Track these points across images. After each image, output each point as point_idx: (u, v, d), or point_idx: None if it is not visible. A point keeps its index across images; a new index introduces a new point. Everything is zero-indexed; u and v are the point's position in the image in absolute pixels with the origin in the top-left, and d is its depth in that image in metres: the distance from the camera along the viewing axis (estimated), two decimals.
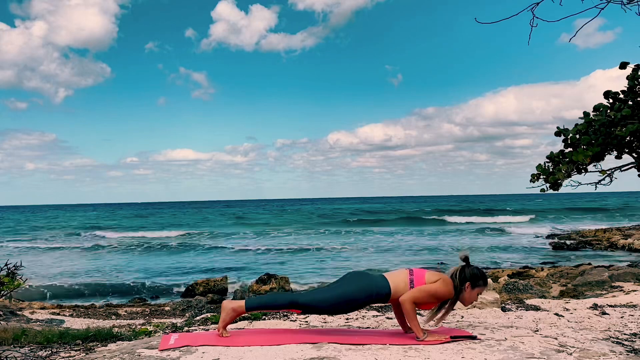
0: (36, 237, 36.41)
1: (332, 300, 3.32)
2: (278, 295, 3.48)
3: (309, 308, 3.34)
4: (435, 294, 3.32)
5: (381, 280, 3.39)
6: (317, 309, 3.35)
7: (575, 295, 8.33)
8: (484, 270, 5.84)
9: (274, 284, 12.89)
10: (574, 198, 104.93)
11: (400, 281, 3.38)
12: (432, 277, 3.38)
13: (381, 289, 3.35)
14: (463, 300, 3.40)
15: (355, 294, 3.32)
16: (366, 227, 37.82)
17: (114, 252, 25.80)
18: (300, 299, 3.34)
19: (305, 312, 3.40)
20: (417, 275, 3.40)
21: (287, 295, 3.45)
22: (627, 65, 4.02)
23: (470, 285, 3.37)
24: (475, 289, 3.39)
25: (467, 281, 3.37)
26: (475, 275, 3.39)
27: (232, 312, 3.34)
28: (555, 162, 4.15)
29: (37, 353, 3.52)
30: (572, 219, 42.02)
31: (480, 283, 3.40)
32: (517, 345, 3.18)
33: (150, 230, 40.64)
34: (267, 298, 3.45)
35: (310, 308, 3.34)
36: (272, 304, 3.40)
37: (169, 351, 3.04)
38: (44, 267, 19.38)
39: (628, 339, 3.66)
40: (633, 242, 20.87)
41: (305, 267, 18.27)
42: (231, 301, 3.42)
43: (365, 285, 3.35)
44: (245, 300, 3.37)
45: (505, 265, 17.15)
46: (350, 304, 3.34)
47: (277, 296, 3.45)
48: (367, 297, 3.34)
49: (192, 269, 18.55)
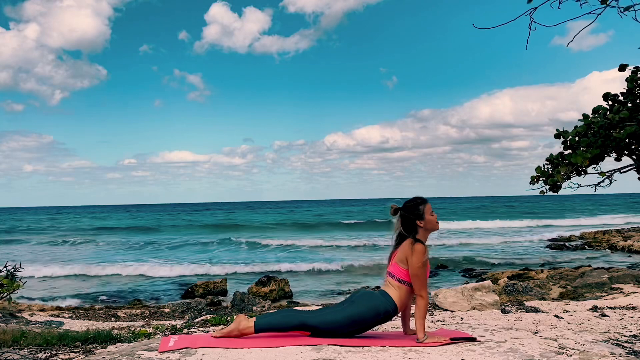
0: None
1: (342, 322, 3.27)
2: (288, 316, 3.37)
3: (319, 330, 3.29)
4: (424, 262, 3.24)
5: (384, 298, 3.32)
6: (327, 331, 3.29)
7: (575, 297, 8.34)
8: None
9: (274, 285, 12.88)
10: (574, 199, 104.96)
11: (396, 290, 3.33)
12: (401, 255, 3.31)
13: (387, 306, 3.29)
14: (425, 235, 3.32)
15: (364, 314, 3.28)
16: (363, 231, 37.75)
17: (113, 252, 25.81)
18: (310, 321, 3.28)
19: (315, 334, 3.32)
20: (394, 270, 3.34)
21: (296, 316, 3.35)
22: (626, 67, 4.02)
23: (418, 220, 3.30)
24: (425, 217, 3.30)
25: (415, 219, 3.30)
26: (412, 208, 3.32)
27: (239, 329, 3.28)
28: (555, 164, 4.16)
29: (36, 355, 3.52)
30: (572, 220, 42.00)
31: (420, 208, 3.32)
32: (516, 347, 3.18)
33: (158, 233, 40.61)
34: (278, 320, 3.33)
35: (319, 330, 3.29)
36: (282, 327, 3.31)
37: (169, 353, 3.04)
38: (43, 268, 19.36)
39: (628, 341, 3.66)
40: (633, 243, 20.87)
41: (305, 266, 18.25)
42: (245, 319, 3.33)
43: (373, 305, 3.29)
44: (256, 322, 3.30)
45: (504, 267, 17.14)
46: (359, 324, 3.30)
47: (287, 318, 3.34)
48: (375, 316, 3.29)
49: (192, 270, 18.54)
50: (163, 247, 27.93)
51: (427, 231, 3.34)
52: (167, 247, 27.93)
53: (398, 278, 3.32)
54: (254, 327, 3.29)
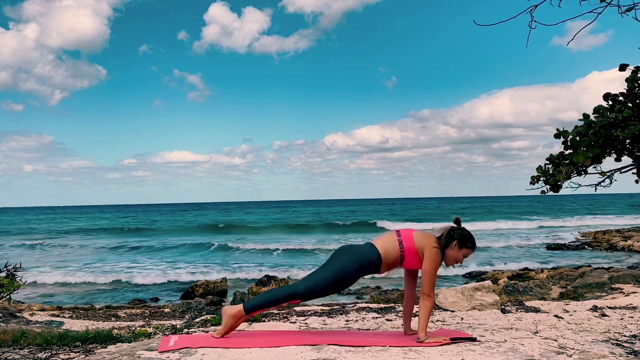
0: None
1: (326, 280, 3.26)
2: (273, 291, 3.35)
3: (307, 296, 3.27)
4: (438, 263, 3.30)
5: (369, 248, 3.33)
6: (314, 293, 3.27)
7: (575, 297, 8.33)
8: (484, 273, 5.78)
9: (274, 285, 12.89)
10: (574, 199, 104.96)
11: (389, 245, 3.33)
12: (421, 239, 3.32)
13: (370, 256, 3.29)
14: (446, 259, 3.35)
15: (346, 268, 3.27)
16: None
17: (114, 252, 25.80)
18: (297, 290, 3.26)
19: (304, 300, 3.31)
20: (405, 236, 3.34)
21: (283, 289, 3.34)
22: (626, 67, 4.02)
23: (458, 245, 3.33)
24: (462, 250, 3.35)
25: (456, 240, 3.33)
26: (464, 237, 3.35)
27: (232, 318, 3.28)
28: (555, 164, 4.16)
29: (36, 355, 3.52)
30: (572, 220, 42.00)
31: (468, 245, 3.36)
32: (516, 347, 3.18)
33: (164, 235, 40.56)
34: (264, 297, 3.33)
35: (307, 296, 3.27)
36: (270, 301, 3.29)
37: (169, 353, 3.04)
38: (43, 268, 19.36)
39: (628, 341, 3.66)
40: (633, 243, 20.87)
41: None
42: (230, 307, 3.33)
43: (354, 257, 3.29)
44: (244, 304, 3.32)
45: (504, 267, 17.14)
46: (344, 279, 3.28)
47: (273, 292, 3.33)
48: (359, 268, 3.28)
49: (191, 270, 18.53)
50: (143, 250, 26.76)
51: (450, 257, 3.36)
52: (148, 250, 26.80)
53: (401, 241, 3.32)
54: (243, 309, 3.27)
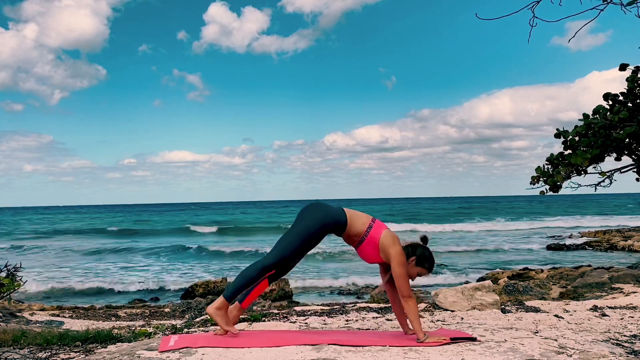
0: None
1: (294, 245, 3.23)
2: (247, 270, 3.29)
3: (279, 264, 3.25)
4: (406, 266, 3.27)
5: (337, 210, 3.32)
6: (286, 259, 3.25)
7: (575, 297, 8.33)
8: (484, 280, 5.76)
9: (274, 285, 12.87)
10: (574, 199, 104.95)
11: (359, 220, 3.31)
12: (388, 239, 3.28)
13: (337, 217, 3.27)
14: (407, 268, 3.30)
15: (311, 228, 3.24)
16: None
17: (113, 253, 25.80)
18: (269, 261, 3.23)
19: (278, 269, 3.29)
20: (376, 226, 3.32)
21: (254, 264, 3.28)
22: (626, 67, 4.02)
23: (415, 261, 3.32)
24: (417, 267, 3.33)
25: (414, 256, 3.32)
26: (424, 256, 3.34)
27: (218, 312, 3.28)
28: (555, 164, 4.16)
29: (36, 354, 3.52)
30: (572, 220, 42.00)
31: (425, 265, 3.35)
32: (516, 346, 3.18)
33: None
34: (240, 279, 3.27)
35: (279, 264, 3.25)
36: (246, 281, 3.25)
37: (169, 353, 3.04)
38: (44, 267, 19.37)
39: (628, 341, 3.66)
40: (633, 243, 20.87)
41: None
42: (212, 304, 3.32)
43: (319, 216, 3.26)
44: (223, 294, 3.31)
45: (504, 266, 17.14)
46: (310, 240, 3.25)
47: (246, 272, 3.27)
48: (323, 226, 3.24)
49: (191, 270, 18.55)
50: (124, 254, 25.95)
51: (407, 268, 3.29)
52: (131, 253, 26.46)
53: (371, 225, 3.30)
54: (224, 298, 3.27)
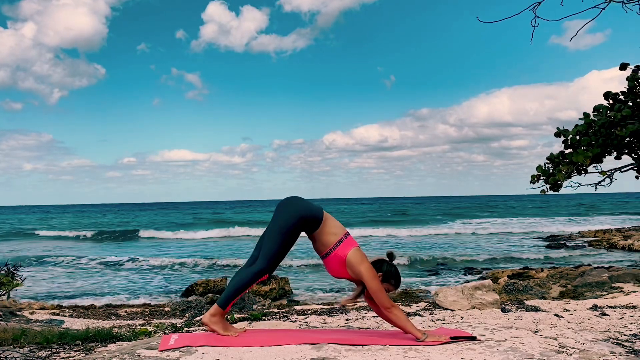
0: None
1: (278, 244, 3.24)
2: (238, 277, 3.29)
3: (271, 267, 3.26)
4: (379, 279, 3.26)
5: (316, 206, 3.33)
6: (276, 261, 3.26)
7: (575, 296, 8.33)
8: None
9: (274, 284, 12.89)
10: (574, 199, 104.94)
11: (332, 228, 3.30)
12: (357, 257, 3.25)
13: (314, 211, 3.28)
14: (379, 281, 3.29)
15: (289, 223, 3.24)
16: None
17: (113, 250, 25.81)
18: (261, 266, 3.24)
19: (271, 273, 3.30)
20: (346, 243, 3.30)
21: (247, 271, 3.28)
22: (627, 66, 4.02)
23: (381, 278, 3.31)
24: (383, 284, 3.31)
25: (381, 273, 3.31)
26: (390, 273, 3.34)
27: (213, 319, 3.31)
28: (555, 163, 4.16)
29: (36, 353, 3.52)
30: (572, 220, 42.01)
31: (391, 282, 3.35)
32: (516, 346, 3.18)
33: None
34: (233, 286, 3.27)
35: (272, 267, 3.26)
36: (239, 287, 3.25)
37: (169, 352, 3.04)
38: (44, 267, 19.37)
39: (628, 340, 3.66)
40: (633, 243, 20.87)
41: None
42: (205, 314, 3.35)
43: (295, 210, 3.26)
44: (217, 301, 3.32)
45: (504, 266, 17.15)
46: (290, 234, 3.25)
47: (239, 279, 3.27)
48: (300, 218, 3.24)
49: (191, 270, 18.55)
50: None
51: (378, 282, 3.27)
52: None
53: (342, 240, 3.28)
54: (218, 307, 3.28)
